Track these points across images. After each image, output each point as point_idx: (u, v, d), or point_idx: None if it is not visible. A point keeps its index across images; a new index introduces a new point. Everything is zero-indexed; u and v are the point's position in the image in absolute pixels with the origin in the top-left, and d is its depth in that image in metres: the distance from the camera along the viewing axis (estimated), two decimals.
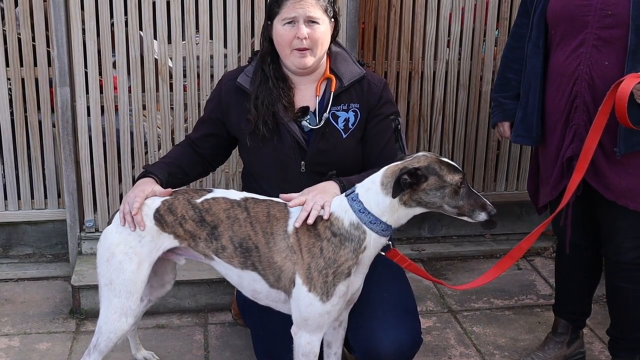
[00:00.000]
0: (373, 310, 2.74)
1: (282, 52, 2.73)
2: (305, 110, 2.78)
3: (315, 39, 2.68)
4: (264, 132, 2.74)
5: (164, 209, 2.64)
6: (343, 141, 2.79)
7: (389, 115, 2.84)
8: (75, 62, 3.63)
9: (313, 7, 2.68)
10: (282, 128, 2.76)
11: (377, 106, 2.81)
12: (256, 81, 2.77)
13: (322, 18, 2.70)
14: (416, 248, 4.26)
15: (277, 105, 2.74)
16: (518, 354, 3.34)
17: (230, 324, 3.56)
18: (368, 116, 2.81)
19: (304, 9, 2.67)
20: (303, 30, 2.66)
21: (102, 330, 2.66)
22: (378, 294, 2.76)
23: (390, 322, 2.71)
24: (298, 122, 2.77)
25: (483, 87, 4.14)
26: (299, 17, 2.67)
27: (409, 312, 2.81)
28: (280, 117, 2.75)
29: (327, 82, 2.81)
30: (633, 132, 2.68)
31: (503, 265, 2.69)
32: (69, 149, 3.73)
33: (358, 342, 2.75)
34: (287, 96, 2.76)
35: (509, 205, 4.36)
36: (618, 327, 3.07)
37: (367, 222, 2.44)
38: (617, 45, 2.70)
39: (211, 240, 2.62)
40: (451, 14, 4.01)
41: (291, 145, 2.77)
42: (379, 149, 2.81)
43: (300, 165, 2.78)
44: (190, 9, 3.66)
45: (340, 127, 2.78)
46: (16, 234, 4.07)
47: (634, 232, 2.87)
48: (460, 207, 2.42)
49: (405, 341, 2.71)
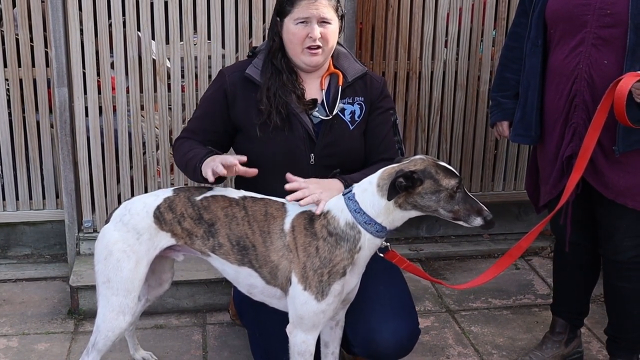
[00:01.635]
0: (371, 304, 2.75)
1: (293, 50, 2.75)
2: (314, 102, 2.80)
3: (327, 39, 2.72)
4: (277, 121, 2.73)
5: (165, 207, 2.65)
6: (350, 133, 2.81)
7: (388, 109, 2.88)
8: (73, 63, 3.63)
9: (326, 7, 2.70)
10: (293, 119, 2.76)
11: (379, 99, 2.86)
12: (267, 73, 2.77)
13: (334, 18, 2.73)
14: (414, 248, 4.26)
15: (291, 96, 2.75)
16: (516, 354, 3.35)
17: (228, 324, 3.56)
18: (370, 109, 2.85)
19: (319, 10, 2.69)
20: (316, 31, 2.69)
21: (100, 329, 2.67)
22: (374, 288, 2.78)
23: (388, 314, 2.73)
24: (309, 114, 2.79)
25: (481, 87, 4.14)
26: (312, 17, 2.69)
27: (406, 304, 2.84)
28: (292, 108, 2.75)
29: (330, 77, 2.84)
30: (632, 131, 2.68)
31: (502, 264, 2.69)
32: (67, 150, 3.73)
33: (357, 337, 2.77)
34: (300, 88, 2.78)
35: (507, 205, 4.37)
36: (616, 326, 3.08)
37: (362, 222, 2.44)
38: (616, 44, 2.70)
39: (208, 238, 2.62)
40: (449, 14, 4.02)
41: (302, 137, 2.77)
42: (379, 140, 2.85)
43: (310, 157, 2.79)
44: (188, 9, 3.67)
45: (347, 119, 2.81)
46: (14, 234, 4.07)
47: (632, 231, 2.88)
48: (456, 212, 2.41)
49: (405, 332, 2.74)
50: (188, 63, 3.74)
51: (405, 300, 2.85)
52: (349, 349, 2.95)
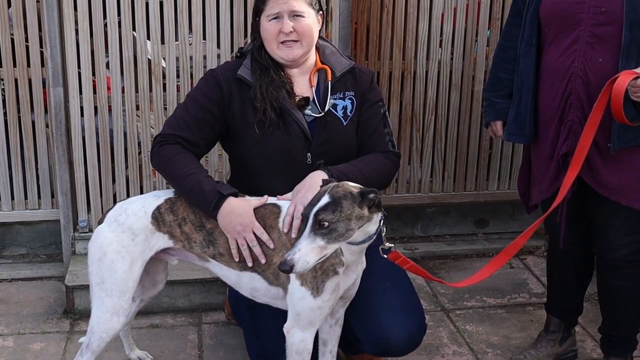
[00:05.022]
0: (379, 301, 2.76)
1: (269, 47, 2.75)
2: (306, 100, 2.80)
3: (301, 32, 2.71)
4: (272, 117, 2.72)
5: (166, 208, 2.65)
6: (345, 129, 2.81)
7: (378, 101, 2.89)
8: (69, 63, 3.63)
9: (296, 1, 2.70)
10: (287, 117, 2.75)
11: (368, 91, 2.86)
12: (256, 72, 2.78)
13: (307, 11, 2.73)
14: (409, 247, 4.27)
15: (282, 91, 2.75)
16: (511, 352, 3.36)
17: (224, 323, 3.57)
18: (361, 102, 2.85)
19: (287, 4, 2.70)
20: (287, 25, 2.69)
21: (95, 330, 2.66)
22: (381, 285, 2.79)
23: (398, 309, 2.74)
24: (302, 111, 2.79)
25: (475, 87, 4.15)
26: (283, 12, 2.70)
27: (414, 298, 2.85)
28: (284, 105, 2.75)
29: (318, 73, 2.84)
30: (627, 128, 2.69)
31: (499, 261, 2.70)
32: (63, 149, 3.73)
33: (367, 334, 2.76)
34: (288, 83, 2.79)
35: (501, 204, 4.39)
36: (610, 324, 3.09)
37: None
38: (611, 42, 2.71)
39: (208, 246, 2.63)
40: (443, 14, 4.02)
41: (298, 136, 2.76)
42: (369, 132, 2.85)
43: (307, 157, 2.78)
44: (183, 9, 3.67)
45: (340, 115, 2.81)
46: (10, 234, 4.07)
47: (626, 229, 2.89)
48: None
49: (414, 327, 2.76)
50: (183, 63, 3.75)
51: (412, 295, 2.87)
52: (349, 349, 2.96)
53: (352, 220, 2.27)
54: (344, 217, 2.25)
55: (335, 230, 2.24)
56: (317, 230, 2.24)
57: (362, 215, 2.30)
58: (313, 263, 2.24)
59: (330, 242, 2.25)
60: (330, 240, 2.25)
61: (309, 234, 2.23)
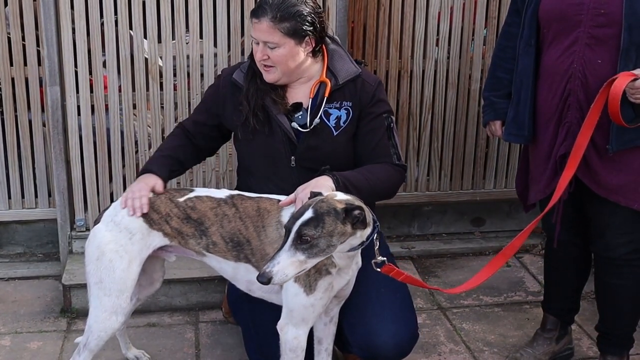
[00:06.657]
0: (371, 306, 2.77)
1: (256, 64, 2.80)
2: (297, 106, 2.80)
3: (275, 60, 2.72)
4: (254, 124, 2.78)
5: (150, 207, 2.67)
6: (333, 139, 2.81)
7: (382, 113, 2.85)
8: (65, 62, 3.63)
9: (267, 33, 2.68)
10: (273, 122, 2.80)
11: (370, 104, 2.83)
12: (248, 77, 2.83)
13: (282, 41, 2.69)
14: (406, 246, 4.28)
15: (267, 98, 2.79)
16: (507, 351, 3.36)
17: (221, 322, 3.57)
18: (360, 114, 2.83)
19: (258, 34, 2.71)
20: (260, 52, 2.72)
21: (92, 329, 2.67)
22: (375, 290, 2.79)
23: (389, 317, 2.74)
24: (289, 117, 2.80)
25: (472, 86, 4.16)
26: (257, 39, 2.72)
27: (407, 307, 2.85)
28: (271, 111, 2.78)
29: (320, 85, 2.83)
30: (625, 130, 2.70)
31: (496, 263, 2.68)
32: (60, 148, 3.73)
33: (357, 339, 2.77)
34: (275, 90, 2.80)
35: (498, 203, 4.39)
36: (607, 323, 3.10)
37: None
38: (610, 44, 2.71)
39: (200, 237, 2.65)
40: (440, 13, 4.03)
41: (282, 140, 2.80)
42: (371, 147, 2.83)
43: (291, 160, 2.81)
44: (180, 8, 3.67)
45: (331, 124, 2.81)
46: (7, 233, 4.07)
47: (624, 229, 2.89)
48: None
49: (405, 336, 2.76)
50: (180, 62, 3.74)
51: (406, 303, 2.86)
52: (343, 347, 2.96)
53: (334, 237, 2.28)
54: (325, 233, 2.26)
55: (316, 245, 2.26)
56: (298, 245, 2.25)
57: (345, 231, 2.31)
58: (292, 276, 2.26)
59: (311, 257, 2.26)
60: (310, 256, 2.26)
61: (290, 248, 2.25)
